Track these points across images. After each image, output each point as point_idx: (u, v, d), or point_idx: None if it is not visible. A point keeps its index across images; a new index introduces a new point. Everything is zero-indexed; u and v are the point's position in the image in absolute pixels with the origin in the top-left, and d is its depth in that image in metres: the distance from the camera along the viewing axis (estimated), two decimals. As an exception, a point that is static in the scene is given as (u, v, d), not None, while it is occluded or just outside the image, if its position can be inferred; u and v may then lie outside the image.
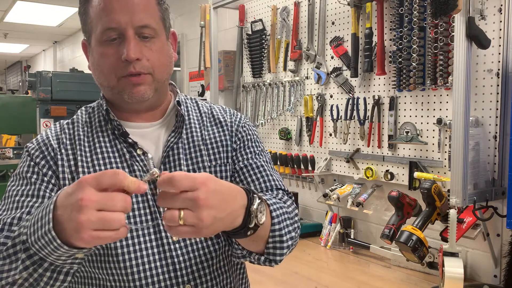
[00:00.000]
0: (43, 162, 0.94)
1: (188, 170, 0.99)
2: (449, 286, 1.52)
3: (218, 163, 1.02)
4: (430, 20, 1.95)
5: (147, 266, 0.91)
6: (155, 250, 0.92)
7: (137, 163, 0.97)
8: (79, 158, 0.95)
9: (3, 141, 6.89)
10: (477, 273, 1.93)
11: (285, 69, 2.90)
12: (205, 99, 3.00)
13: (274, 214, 0.87)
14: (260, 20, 3.06)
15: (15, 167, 4.60)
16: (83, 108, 1.05)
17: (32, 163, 0.94)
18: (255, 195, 0.79)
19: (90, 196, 0.63)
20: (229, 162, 1.04)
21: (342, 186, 2.48)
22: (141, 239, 0.92)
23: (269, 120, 2.99)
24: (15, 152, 5.33)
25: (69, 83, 3.87)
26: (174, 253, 0.93)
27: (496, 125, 1.82)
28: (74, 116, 1.04)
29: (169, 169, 0.98)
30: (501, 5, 1.79)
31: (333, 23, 2.55)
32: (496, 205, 1.79)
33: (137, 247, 0.91)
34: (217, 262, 0.98)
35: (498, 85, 1.81)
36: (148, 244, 0.92)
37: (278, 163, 2.89)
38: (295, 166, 2.79)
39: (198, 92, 3.76)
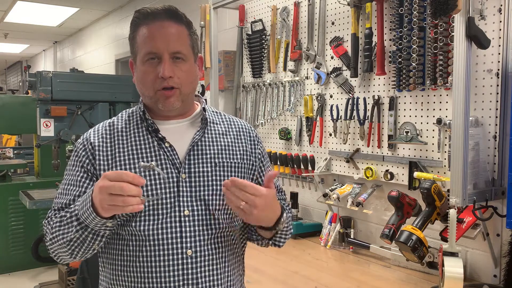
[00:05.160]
0: (84, 158, 1.25)
1: (210, 163, 1.26)
2: (449, 286, 1.53)
3: (234, 161, 1.29)
4: (430, 20, 1.95)
5: (160, 231, 1.20)
6: (168, 219, 1.21)
7: (164, 154, 1.23)
8: (117, 150, 1.24)
9: (3, 141, 6.90)
10: (477, 273, 1.93)
11: (285, 69, 2.90)
12: (205, 99, 2.99)
13: (287, 219, 1.27)
14: (260, 20, 3.06)
15: (15, 167, 4.65)
16: (123, 111, 1.34)
17: (76, 158, 1.27)
18: (284, 212, 1.23)
19: (103, 184, 1.04)
20: (244, 162, 1.31)
21: (342, 186, 2.48)
22: (160, 211, 1.21)
23: (269, 120, 2.99)
24: (15, 152, 5.33)
25: (69, 83, 3.84)
26: (183, 224, 1.21)
27: (496, 125, 1.82)
28: (115, 118, 1.31)
29: (193, 160, 1.25)
30: (501, 5, 1.79)
31: (333, 23, 2.55)
32: (496, 205, 1.79)
33: (155, 217, 1.21)
34: (215, 237, 1.24)
35: (498, 85, 1.81)
36: (165, 215, 1.21)
37: (278, 163, 2.90)
38: (295, 166, 2.79)
39: (198, 92, 3.75)
